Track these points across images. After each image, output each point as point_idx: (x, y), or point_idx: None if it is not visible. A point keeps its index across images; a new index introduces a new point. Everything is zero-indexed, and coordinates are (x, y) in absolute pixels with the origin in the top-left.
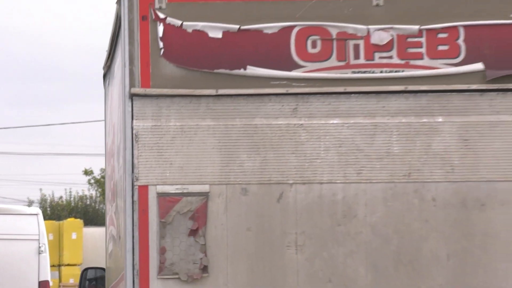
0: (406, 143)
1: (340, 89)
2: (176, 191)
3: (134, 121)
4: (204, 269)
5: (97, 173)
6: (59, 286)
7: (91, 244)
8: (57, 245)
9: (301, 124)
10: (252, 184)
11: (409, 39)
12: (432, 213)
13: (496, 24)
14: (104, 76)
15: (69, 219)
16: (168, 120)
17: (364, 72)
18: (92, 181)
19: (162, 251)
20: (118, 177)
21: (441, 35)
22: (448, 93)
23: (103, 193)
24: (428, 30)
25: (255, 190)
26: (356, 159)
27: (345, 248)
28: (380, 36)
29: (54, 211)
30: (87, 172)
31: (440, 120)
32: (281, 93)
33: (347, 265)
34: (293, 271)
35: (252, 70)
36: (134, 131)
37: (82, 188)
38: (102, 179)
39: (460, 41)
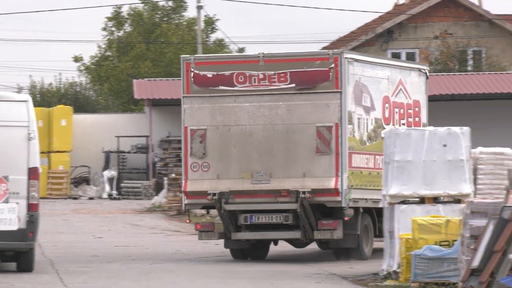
0: (271, 111)
1: (249, 93)
2: (195, 128)
3: (184, 105)
4: (205, 153)
5: (87, 60)
6: (48, 172)
7: (81, 131)
8: (46, 132)
9: (237, 106)
10: (219, 126)
11: (272, 76)
12: (277, 134)
13: (299, 71)
14: None
15: (58, 106)
16: (194, 103)
17: (257, 87)
18: (82, 67)
19: (191, 149)
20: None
21: (281, 75)
22: (284, 94)
23: (92, 80)
24: (278, 73)
25: (221, 128)
26: (254, 117)
27: (249, 147)
28: (260, 76)
29: (44, 98)
30: (77, 59)
31: (280, 103)
32: (230, 95)
33: (251, 152)
34: (234, 154)
35: (221, 88)
36: (183, 109)
37: (72, 75)
38: (92, 66)
39: (288, 77)
